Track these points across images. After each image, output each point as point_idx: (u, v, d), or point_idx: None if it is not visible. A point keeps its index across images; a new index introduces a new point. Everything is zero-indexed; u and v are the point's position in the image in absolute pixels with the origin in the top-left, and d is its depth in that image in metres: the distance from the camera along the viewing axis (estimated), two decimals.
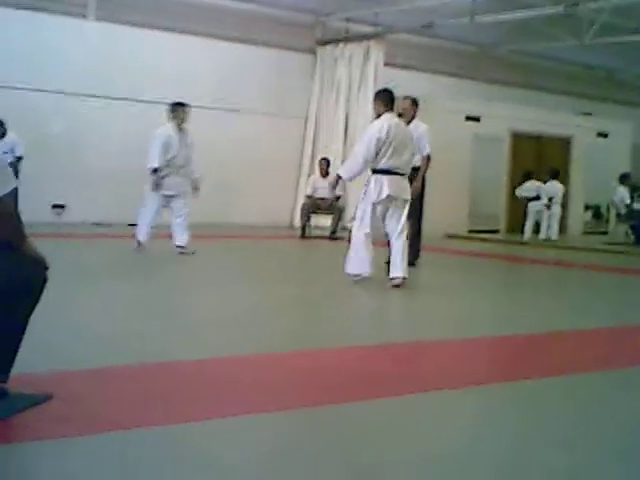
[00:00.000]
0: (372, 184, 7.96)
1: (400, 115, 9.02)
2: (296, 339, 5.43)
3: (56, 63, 13.94)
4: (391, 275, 7.99)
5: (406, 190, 8.06)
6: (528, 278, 10.74)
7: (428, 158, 9.62)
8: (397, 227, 8.03)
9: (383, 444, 3.27)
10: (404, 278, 7.94)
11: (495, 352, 5.53)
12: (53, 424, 3.24)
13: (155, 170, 10.23)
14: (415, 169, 9.22)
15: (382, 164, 7.89)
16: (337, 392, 4.00)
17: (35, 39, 13.73)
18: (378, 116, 8.05)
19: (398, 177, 7.97)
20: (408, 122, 9.30)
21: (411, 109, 9.74)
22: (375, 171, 7.96)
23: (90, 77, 14.24)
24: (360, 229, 8.06)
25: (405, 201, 8.03)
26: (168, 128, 10.40)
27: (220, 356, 4.68)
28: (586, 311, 7.54)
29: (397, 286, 7.91)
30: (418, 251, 10.05)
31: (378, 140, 7.78)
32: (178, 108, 10.37)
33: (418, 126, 9.57)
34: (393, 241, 8.07)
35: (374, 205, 7.97)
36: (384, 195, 7.88)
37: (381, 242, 8.43)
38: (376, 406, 3.80)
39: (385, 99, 8.07)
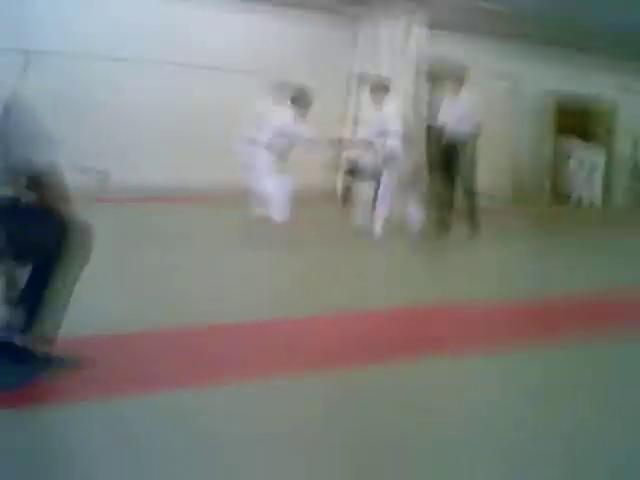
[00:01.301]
0: None
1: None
2: (327, 303, 5.46)
3: (105, 30, 14.08)
4: None
5: None
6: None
7: (479, 127, 10.19)
8: None
9: (401, 409, 3.33)
10: None
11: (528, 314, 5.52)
12: (86, 386, 3.30)
13: None
14: (461, 136, 10.00)
15: None
16: (364, 354, 4.04)
17: (79, 8, 13.88)
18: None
19: None
20: (457, 92, 10.28)
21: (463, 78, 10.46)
22: None
23: (137, 45, 14.39)
24: None
25: None
26: None
27: (261, 319, 4.78)
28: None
29: None
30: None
31: None
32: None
33: (467, 95, 10.35)
34: None
35: None
36: None
37: None
38: (393, 370, 3.85)
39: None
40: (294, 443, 2.83)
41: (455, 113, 10.07)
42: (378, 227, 9.67)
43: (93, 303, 4.96)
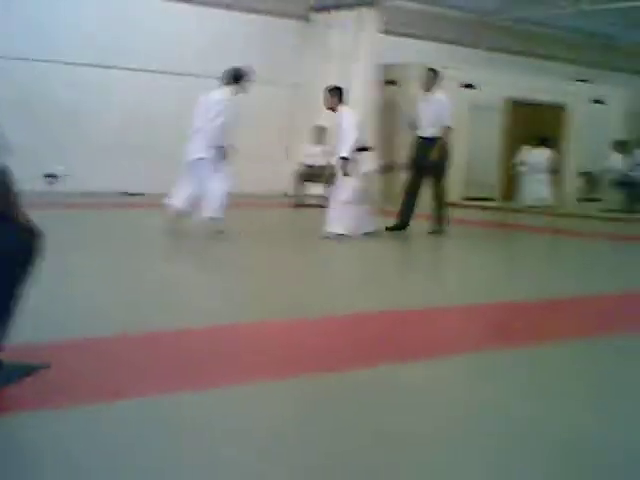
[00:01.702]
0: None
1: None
2: (296, 307, 5.47)
3: (56, 31, 13.96)
4: None
5: None
6: (523, 245, 10.80)
7: (448, 129, 10.25)
8: None
9: (385, 412, 3.31)
10: None
11: (495, 318, 5.57)
12: (50, 394, 3.25)
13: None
14: (430, 138, 10.15)
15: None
16: (339, 359, 4.06)
17: (33, 10, 13.77)
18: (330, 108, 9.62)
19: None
20: (427, 91, 10.29)
21: (430, 79, 10.37)
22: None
23: (85, 46, 14.29)
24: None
25: None
26: None
27: (222, 323, 4.76)
28: (584, 278, 7.65)
29: None
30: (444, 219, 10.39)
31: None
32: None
33: (437, 96, 10.27)
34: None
35: None
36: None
37: None
38: (376, 373, 3.86)
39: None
40: (265, 456, 2.82)
41: (427, 113, 10.21)
42: (335, 229, 9.65)
43: (49, 307, 4.89)
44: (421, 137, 10.37)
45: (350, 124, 9.65)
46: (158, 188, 14.21)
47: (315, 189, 15.18)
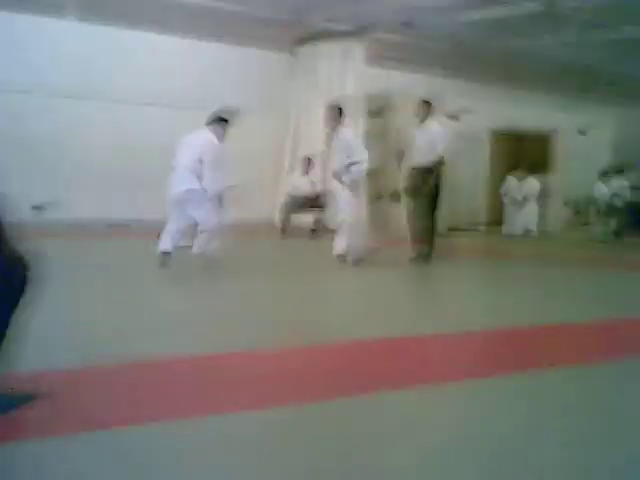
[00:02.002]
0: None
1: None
2: (291, 335, 5.45)
3: (41, 64, 14.03)
4: None
5: None
6: (512, 273, 10.80)
7: (441, 159, 10.27)
8: None
9: (379, 440, 3.28)
10: None
11: (490, 345, 5.55)
12: (42, 423, 3.23)
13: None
14: (425, 168, 10.13)
15: None
16: (331, 387, 4.03)
17: (18, 40, 13.82)
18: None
19: None
20: (422, 121, 10.32)
21: (423, 110, 10.38)
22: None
23: (73, 78, 14.36)
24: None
25: None
26: None
27: (218, 352, 4.72)
28: (575, 305, 7.64)
29: None
30: (430, 248, 10.41)
31: None
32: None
33: (431, 126, 10.31)
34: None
35: None
36: None
37: None
38: (371, 401, 3.83)
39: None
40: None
41: (422, 143, 10.26)
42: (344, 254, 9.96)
43: (46, 337, 4.86)
44: (416, 167, 10.38)
45: (358, 142, 10.22)
46: (143, 218, 14.56)
47: (302, 218, 15.39)
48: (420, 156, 10.30)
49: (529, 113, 18.66)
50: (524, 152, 18.86)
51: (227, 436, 3.27)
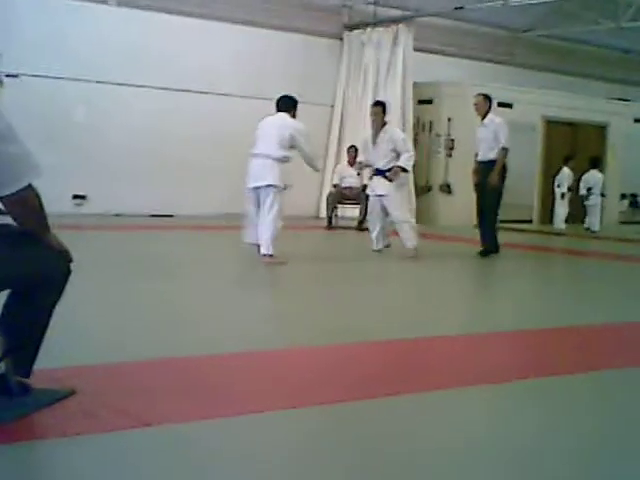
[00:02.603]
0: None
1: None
2: (314, 334, 5.37)
3: (77, 49, 13.90)
4: None
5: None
6: (568, 271, 10.69)
7: (504, 150, 10.48)
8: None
9: (400, 445, 3.21)
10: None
11: (526, 346, 5.41)
12: (79, 420, 3.21)
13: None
14: (491, 162, 10.46)
15: None
16: (355, 389, 3.95)
17: (53, 24, 13.72)
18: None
19: None
20: (483, 117, 10.68)
21: (484, 104, 10.71)
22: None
23: (112, 64, 14.23)
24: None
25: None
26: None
27: (241, 351, 4.66)
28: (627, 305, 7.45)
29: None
30: (495, 240, 10.78)
31: None
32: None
33: (493, 120, 10.63)
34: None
35: None
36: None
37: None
38: (391, 404, 3.75)
39: None
40: None
41: (485, 138, 10.63)
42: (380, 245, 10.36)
43: (84, 332, 4.91)
44: (482, 162, 10.71)
45: (405, 139, 10.48)
46: (187, 209, 14.57)
47: (347, 211, 15.26)
48: (485, 151, 10.65)
49: (584, 101, 18.30)
50: (578, 142, 18.45)
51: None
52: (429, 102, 16.79)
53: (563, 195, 16.88)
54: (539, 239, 14.67)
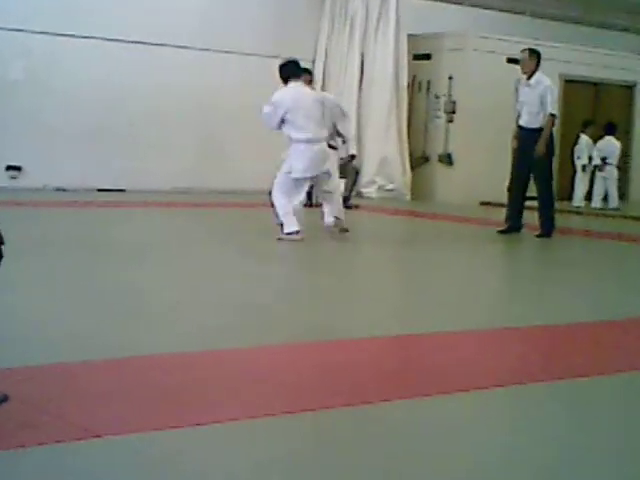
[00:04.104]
0: None
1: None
2: (304, 329, 5.41)
3: None
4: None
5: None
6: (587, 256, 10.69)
7: (552, 117, 10.81)
8: None
9: (404, 456, 3.22)
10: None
11: (536, 345, 5.43)
12: (14, 431, 3.19)
13: None
14: (536, 130, 10.73)
15: None
16: (352, 392, 3.98)
17: None
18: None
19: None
20: (529, 76, 10.91)
21: (530, 62, 10.94)
22: None
23: (53, 13, 14.06)
24: None
25: None
26: None
27: (216, 348, 4.66)
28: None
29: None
30: (552, 220, 11.05)
31: None
32: None
33: (541, 81, 10.92)
34: None
35: None
36: None
37: None
38: (395, 409, 3.77)
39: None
40: None
41: (530, 101, 10.87)
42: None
43: (29, 327, 4.91)
44: (524, 128, 10.94)
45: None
46: (142, 183, 14.44)
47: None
48: (529, 116, 10.89)
49: (609, 57, 18.29)
50: (602, 105, 18.43)
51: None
52: (427, 57, 16.81)
53: (584, 167, 16.81)
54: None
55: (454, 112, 16.39)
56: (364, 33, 16.52)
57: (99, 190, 14.18)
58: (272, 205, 9.42)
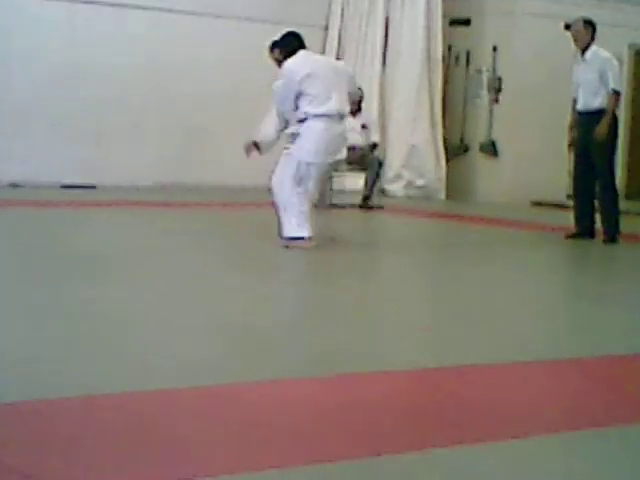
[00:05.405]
0: None
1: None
2: (313, 360, 5.41)
3: None
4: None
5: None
6: None
7: (616, 94, 11.01)
8: None
9: None
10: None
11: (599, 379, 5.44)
12: None
13: None
14: (597, 111, 10.94)
15: None
16: (371, 439, 3.95)
17: None
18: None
19: None
20: (583, 51, 11.12)
21: (585, 34, 11.11)
22: None
23: None
24: None
25: None
26: None
27: (200, 385, 4.65)
28: None
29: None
30: (616, 222, 11.20)
31: None
32: None
33: (597, 54, 11.10)
34: None
35: None
36: None
37: None
38: (426, 460, 3.74)
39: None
40: None
41: (588, 78, 11.04)
42: None
43: None
44: (583, 113, 11.10)
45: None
46: (114, 178, 14.53)
47: (347, 182, 15.46)
48: (587, 96, 11.06)
49: None
50: None
51: None
52: (466, 23, 16.85)
53: None
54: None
55: (500, 90, 16.42)
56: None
57: (64, 187, 14.14)
58: (275, 207, 9.34)
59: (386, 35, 16.54)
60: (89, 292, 6.92)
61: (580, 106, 11.08)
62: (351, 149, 14.19)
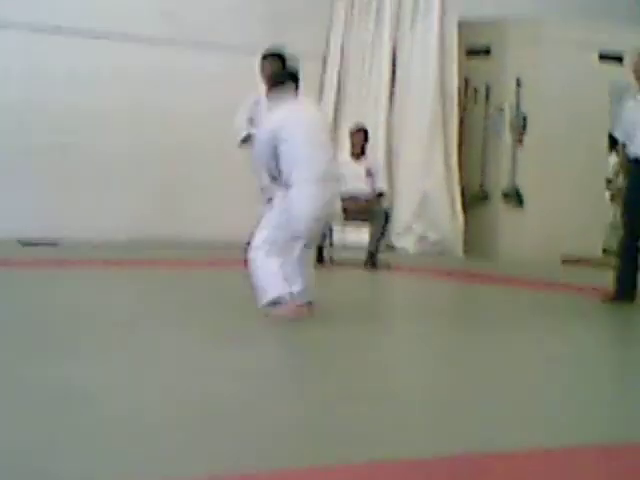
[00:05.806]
0: None
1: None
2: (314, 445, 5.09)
3: None
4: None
5: None
6: None
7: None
8: None
9: None
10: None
11: None
12: None
13: None
14: None
15: None
16: None
17: None
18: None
19: None
20: None
21: None
22: None
23: None
24: None
25: None
26: None
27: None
28: None
29: None
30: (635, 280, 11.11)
31: None
32: None
33: None
34: None
35: None
36: None
37: None
38: None
39: None
40: None
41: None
42: None
43: None
44: (637, 160, 10.84)
45: None
46: (78, 232, 14.40)
47: (350, 236, 15.04)
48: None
49: None
50: None
51: None
52: (485, 53, 16.57)
53: None
54: None
55: (524, 130, 16.06)
56: (396, 19, 16.35)
57: (22, 244, 13.79)
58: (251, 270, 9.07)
59: (393, 67, 16.38)
60: (45, 371, 6.58)
61: (633, 151, 10.76)
62: (352, 199, 13.62)
